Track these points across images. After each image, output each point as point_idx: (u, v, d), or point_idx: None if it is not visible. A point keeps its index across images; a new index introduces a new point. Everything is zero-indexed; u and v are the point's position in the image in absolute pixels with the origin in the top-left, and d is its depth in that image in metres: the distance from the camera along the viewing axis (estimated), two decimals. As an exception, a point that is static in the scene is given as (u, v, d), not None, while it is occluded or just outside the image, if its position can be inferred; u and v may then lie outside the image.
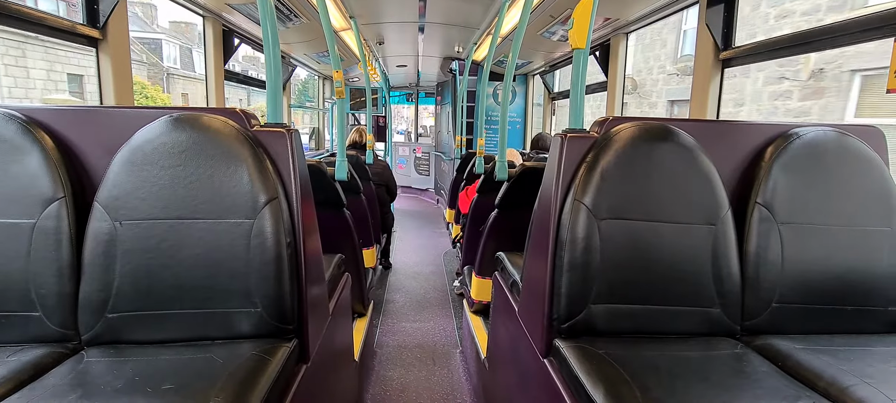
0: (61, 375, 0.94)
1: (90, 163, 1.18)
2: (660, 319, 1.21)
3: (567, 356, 1.11)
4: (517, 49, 2.46)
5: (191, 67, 23.74)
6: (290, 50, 4.61)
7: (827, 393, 0.97)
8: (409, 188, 9.66)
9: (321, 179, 2.22)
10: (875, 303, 1.25)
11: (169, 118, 1.12)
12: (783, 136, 1.30)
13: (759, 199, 1.25)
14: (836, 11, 6.12)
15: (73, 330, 1.10)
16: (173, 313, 1.10)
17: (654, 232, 1.19)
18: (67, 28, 1.77)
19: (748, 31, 7.21)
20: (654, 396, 0.90)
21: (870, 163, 1.28)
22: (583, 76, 1.36)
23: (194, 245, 1.09)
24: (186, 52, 23.46)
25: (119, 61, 1.96)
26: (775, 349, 1.15)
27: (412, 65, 6.66)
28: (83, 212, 1.10)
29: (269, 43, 1.24)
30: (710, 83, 2.24)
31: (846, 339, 1.20)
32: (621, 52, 3.32)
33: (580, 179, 1.20)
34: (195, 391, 0.87)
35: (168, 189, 1.08)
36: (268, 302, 1.10)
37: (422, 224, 6.81)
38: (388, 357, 2.78)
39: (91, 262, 1.08)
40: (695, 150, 1.22)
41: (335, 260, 1.82)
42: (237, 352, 1.03)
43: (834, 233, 1.25)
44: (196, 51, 23.33)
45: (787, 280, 1.24)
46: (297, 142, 1.22)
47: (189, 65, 23.72)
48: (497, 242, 2.50)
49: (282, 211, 1.12)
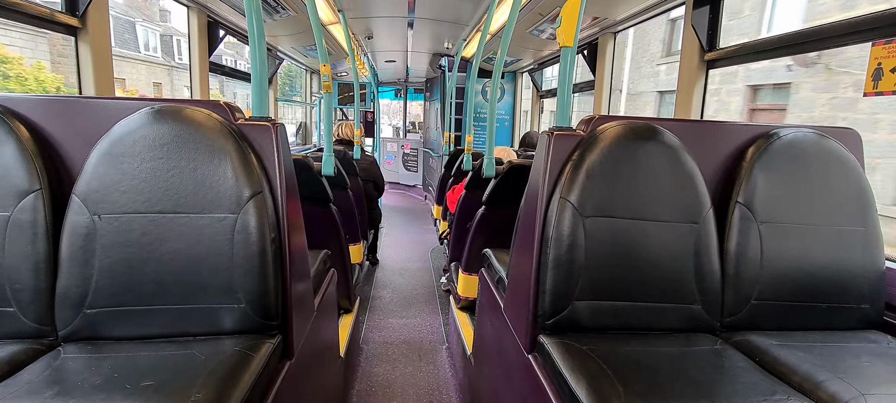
0: (36, 372, 0.91)
1: (68, 155, 1.15)
2: (642, 315, 1.23)
3: (551, 352, 1.12)
4: (506, 46, 2.47)
5: (133, 46, 19.03)
6: (277, 43, 4.55)
7: (801, 388, 1.00)
8: (397, 184, 9.63)
9: (307, 174, 2.20)
10: (848, 301, 1.29)
11: (150, 110, 1.10)
12: (764, 137, 1.32)
13: (740, 198, 1.27)
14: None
15: (49, 326, 1.07)
16: (154, 309, 1.08)
17: (638, 229, 1.21)
18: (46, 16, 1.72)
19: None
20: (636, 391, 0.92)
21: (846, 165, 1.31)
22: (570, 74, 1.36)
23: (176, 239, 1.07)
24: (127, 26, 18.84)
25: (99, 51, 1.91)
26: (753, 345, 1.18)
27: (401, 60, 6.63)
28: (60, 205, 1.08)
29: (255, 35, 1.22)
30: (695, 83, 2.28)
31: (821, 335, 1.23)
32: (609, 52, 3.35)
33: (566, 177, 1.21)
34: (175, 387, 0.85)
35: (149, 182, 1.06)
36: (251, 298, 1.09)
37: (410, 220, 6.80)
38: (374, 353, 2.77)
39: (69, 257, 1.05)
40: (679, 150, 1.24)
41: (321, 255, 1.80)
42: (219, 349, 1.01)
43: (811, 232, 1.28)
44: (141, 25, 19.49)
45: (766, 278, 1.27)
46: (283, 136, 1.21)
47: (131, 43, 18.91)
48: (484, 239, 2.51)
49: (266, 205, 1.11)
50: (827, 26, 1.64)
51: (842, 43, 1.63)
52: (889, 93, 1.39)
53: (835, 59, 6.37)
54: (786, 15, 7.22)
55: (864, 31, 1.51)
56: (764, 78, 7.70)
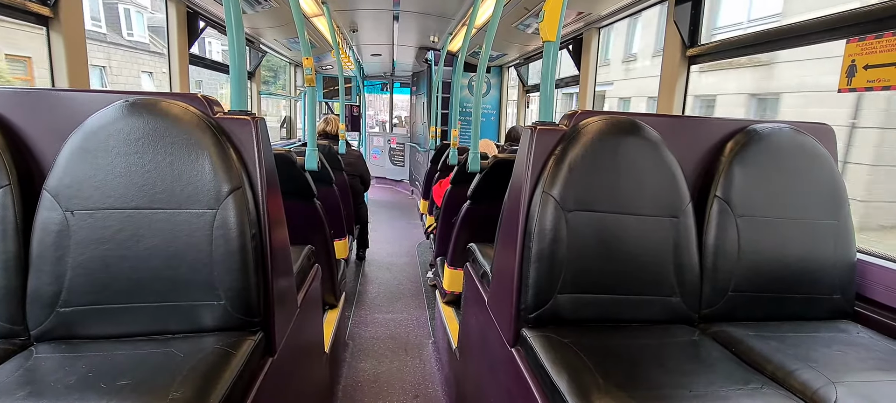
0: (7, 372, 0.89)
1: (38, 149, 1.11)
2: (622, 308, 1.25)
3: (533, 345, 1.13)
4: (491, 40, 2.46)
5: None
6: (259, 35, 4.47)
7: (774, 376, 1.03)
8: (383, 179, 9.59)
9: (290, 169, 2.17)
10: (821, 291, 1.33)
11: (124, 103, 1.07)
12: (742, 132, 1.35)
13: (719, 193, 1.30)
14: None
15: (21, 325, 1.04)
16: (131, 306, 1.06)
17: (619, 223, 1.22)
18: (16, 5, 1.66)
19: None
20: (615, 382, 0.93)
21: (821, 160, 1.35)
22: (553, 69, 1.37)
23: (153, 236, 1.04)
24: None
25: (72, 41, 1.85)
26: (729, 335, 1.21)
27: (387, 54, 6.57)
28: (31, 202, 1.04)
29: (233, 26, 1.19)
30: (676, 79, 2.31)
31: (794, 325, 1.27)
32: (593, 47, 3.37)
33: (549, 171, 1.22)
34: (153, 386, 0.84)
35: (124, 177, 1.03)
36: (232, 295, 1.07)
37: (396, 215, 6.77)
38: (360, 348, 2.77)
39: (40, 254, 1.02)
40: (659, 145, 1.26)
41: (305, 251, 1.79)
42: (199, 346, 1.00)
43: (786, 225, 1.32)
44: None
45: (743, 270, 1.30)
46: (263, 130, 1.19)
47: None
48: (469, 233, 2.51)
49: (247, 201, 1.09)
50: (805, 23, 1.68)
51: (819, 40, 1.67)
52: (862, 89, 1.43)
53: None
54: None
55: (841, 28, 1.55)
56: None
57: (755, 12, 7.45)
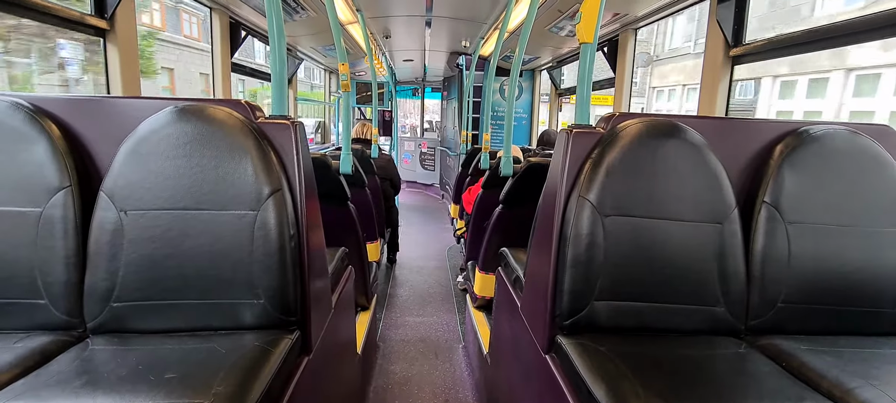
0: (66, 362, 0.95)
1: (96, 153, 1.18)
2: (663, 317, 1.20)
3: (569, 352, 1.11)
4: (524, 44, 2.45)
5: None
6: (296, 43, 4.61)
7: (830, 394, 0.96)
8: (414, 183, 9.66)
9: (325, 172, 2.22)
10: (882, 305, 1.23)
11: (174, 109, 1.13)
12: (793, 135, 1.28)
13: (767, 198, 1.23)
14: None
15: (78, 318, 1.11)
16: (177, 303, 1.11)
17: (660, 229, 1.18)
18: (75, 18, 1.78)
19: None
20: (656, 393, 0.89)
21: (881, 163, 1.26)
22: (590, 71, 1.34)
23: (198, 235, 1.09)
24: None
25: (126, 52, 1.97)
26: (779, 349, 1.14)
27: (419, 59, 6.64)
28: (89, 202, 1.11)
29: (275, 35, 1.24)
30: (719, 80, 2.22)
31: (851, 340, 1.18)
32: (630, 48, 3.29)
33: (585, 175, 1.19)
34: (198, 380, 0.87)
35: (173, 179, 1.09)
36: (271, 294, 1.11)
37: (426, 219, 6.81)
38: (390, 350, 2.79)
39: (96, 251, 1.09)
40: (702, 148, 1.21)
41: (339, 253, 1.82)
42: (240, 343, 1.03)
43: (842, 234, 1.23)
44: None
45: (793, 280, 1.22)
46: (302, 135, 1.22)
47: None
48: (501, 238, 2.49)
49: (285, 203, 1.12)
50: (857, 20, 1.58)
51: (872, 38, 1.57)
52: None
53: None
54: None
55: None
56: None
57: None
